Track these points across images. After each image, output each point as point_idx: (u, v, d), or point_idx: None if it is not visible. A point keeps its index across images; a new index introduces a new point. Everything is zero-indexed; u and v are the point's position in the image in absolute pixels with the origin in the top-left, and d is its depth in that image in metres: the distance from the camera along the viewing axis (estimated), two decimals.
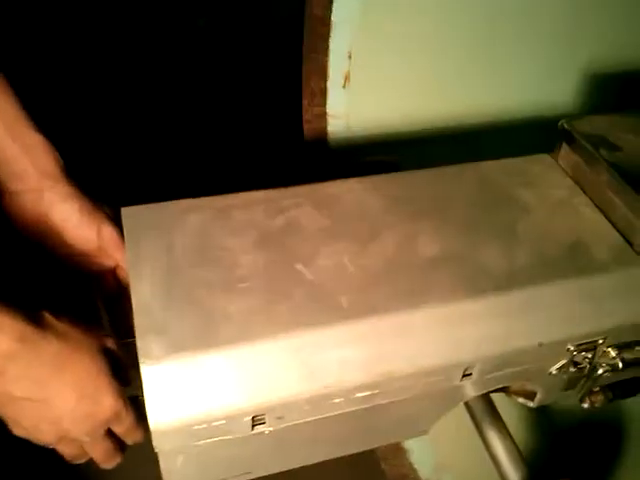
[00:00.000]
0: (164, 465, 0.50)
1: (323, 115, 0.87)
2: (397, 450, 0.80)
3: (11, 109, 0.53)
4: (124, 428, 0.51)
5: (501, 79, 0.88)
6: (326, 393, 0.50)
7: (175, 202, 0.59)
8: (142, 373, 0.46)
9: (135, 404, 0.49)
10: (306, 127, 0.87)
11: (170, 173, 1.53)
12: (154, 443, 0.47)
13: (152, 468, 0.51)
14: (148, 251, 0.54)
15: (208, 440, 0.48)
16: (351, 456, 0.86)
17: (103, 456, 0.52)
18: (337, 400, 0.50)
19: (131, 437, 0.53)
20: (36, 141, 0.53)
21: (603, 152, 0.65)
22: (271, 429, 0.50)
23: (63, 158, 0.56)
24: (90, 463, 0.53)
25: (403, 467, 0.79)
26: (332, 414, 0.52)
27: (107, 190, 0.61)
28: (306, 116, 0.86)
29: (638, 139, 0.68)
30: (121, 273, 0.59)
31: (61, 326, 0.47)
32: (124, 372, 0.50)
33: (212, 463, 0.52)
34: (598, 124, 0.69)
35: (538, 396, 0.64)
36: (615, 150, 0.66)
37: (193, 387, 0.47)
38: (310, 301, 0.52)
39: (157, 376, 0.46)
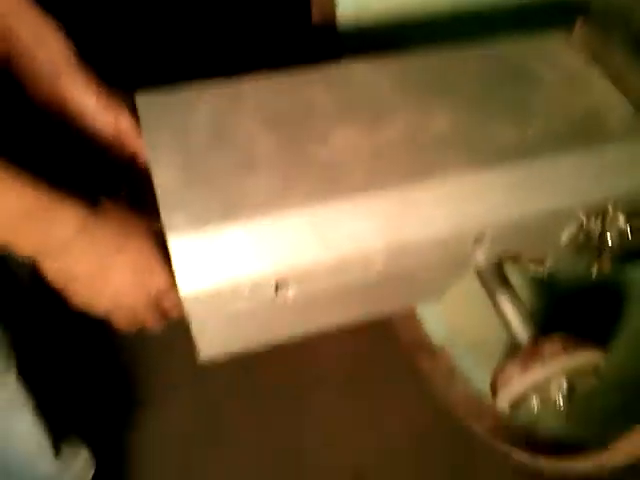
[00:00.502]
0: (196, 331, 0.55)
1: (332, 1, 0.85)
2: (411, 319, 0.85)
3: None
4: (171, 302, 0.55)
5: None
6: (343, 260, 0.53)
7: (188, 86, 0.60)
8: (170, 245, 0.49)
9: None
10: (315, 14, 0.86)
11: (179, 56, 1.52)
12: (185, 310, 0.51)
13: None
14: (164, 134, 0.56)
15: (235, 306, 0.52)
16: (367, 325, 0.92)
17: (151, 323, 0.57)
18: (354, 267, 0.54)
19: (176, 311, 0.56)
20: (49, 28, 0.54)
21: (617, 23, 0.64)
22: (292, 295, 0.54)
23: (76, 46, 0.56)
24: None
25: (417, 334, 0.84)
26: (349, 280, 0.55)
27: (117, 75, 0.61)
28: (315, 2, 0.85)
29: None
30: (140, 160, 0.60)
31: (118, 210, 0.51)
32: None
33: (239, 328, 0.56)
34: None
35: (549, 262, 0.67)
36: (629, 21, 0.65)
37: (218, 256, 0.50)
38: (325, 177, 0.54)
39: (184, 248, 0.49)
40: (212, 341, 0.57)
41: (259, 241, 0.51)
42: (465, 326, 0.83)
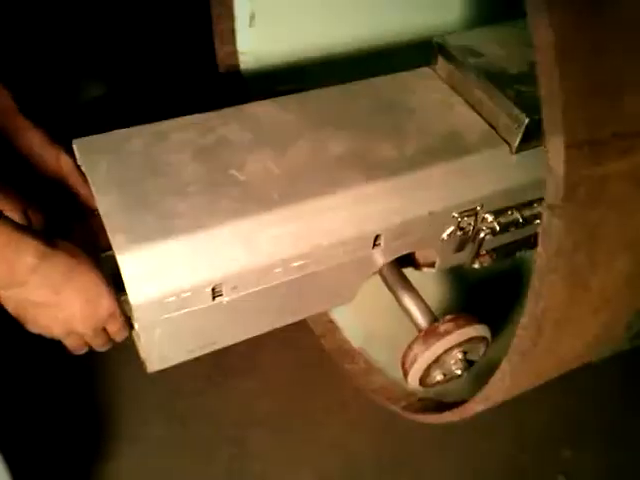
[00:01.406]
0: (144, 339, 0.62)
1: (234, 53, 0.97)
2: (332, 328, 0.96)
3: None
4: (116, 327, 0.63)
5: (388, 5, 1.00)
6: (267, 264, 0.63)
7: (117, 131, 0.69)
8: (119, 263, 0.57)
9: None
10: (220, 65, 0.98)
11: (95, 109, 1.58)
12: (135, 316, 0.59)
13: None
14: (102, 170, 0.64)
15: (178, 312, 0.61)
16: (296, 338, 1.01)
17: (99, 345, 0.64)
18: (277, 270, 0.64)
19: (120, 335, 0.64)
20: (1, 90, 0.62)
21: (471, 59, 0.80)
22: (228, 299, 0.63)
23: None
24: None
25: (339, 340, 0.95)
26: (275, 283, 0.65)
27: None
28: (219, 55, 0.96)
29: (499, 47, 0.83)
30: (81, 194, 0.68)
31: (68, 246, 0.58)
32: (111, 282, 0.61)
33: (183, 334, 0.64)
34: (466, 38, 0.83)
35: (437, 262, 0.80)
36: (480, 57, 0.80)
37: (161, 268, 0.58)
38: (246, 196, 0.64)
39: (130, 263, 0.58)
40: (160, 350, 0.65)
41: (193, 253, 0.60)
42: (377, 328, 0.94)
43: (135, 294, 0.58)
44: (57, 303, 0.58)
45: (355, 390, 1.27)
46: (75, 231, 0.70)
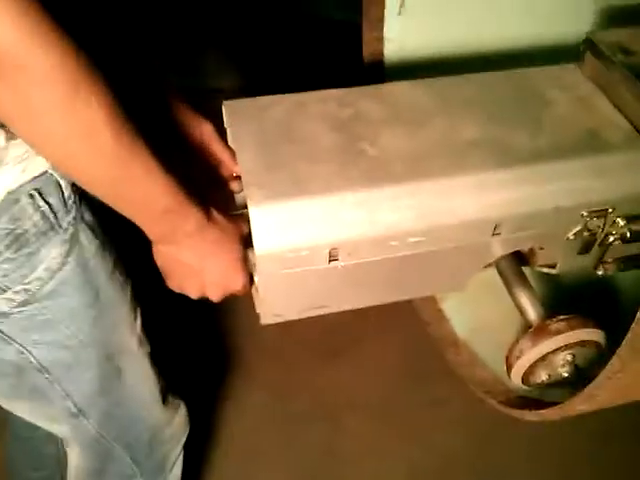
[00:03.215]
0: (262, 291, 0.67)
1: (380, 39, 1.00)
2: (440, 317, 0.96)
3: None
4: (240, 293, 0.68)
5: (535, 10, 0.99)
6: (385, 236, 0.65)
7: (263, 97, 0.74)
8: (250, 214, 0.62)
9: None
10: (365, 50, 1.01)
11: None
12: (258, 267, 0.63)
13: None
14: (246, 132, 0.69)
15: (296, 269, 0.64)
16: (404, 326, 1.02)
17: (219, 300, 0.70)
18: (393, 243, 0.66)
19: (240, 294, 0.69)
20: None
21: (619, 56, 0.77)
22: (343, 264, 0.66)
23: None
24: None
25: (446, 330, 0.95)
26: (390, 256, 0.67)
27: None
28: (365, 39, 0.99)
29: None
30: (223, 162, 0.72)
31: (220, 219, 0.63)
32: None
33: (297, 292, 0.68)
34: (618, 35, 0.80)
35: (559, 263, 0.78)
36: (630, 55, 0.77)
37: (285, 225, 0.62)
38: (374, 168, 0.66)
39: (260, 215, 0.62)
40: (274, 304, 0.69)
41: (317, 215, 0.63)
42: (484, 321, 0.94)
43: (260, 244, 0.62)
44: (200, 269, 0.64)
45: (458, 387, 1.27)
46: (212, 194, 0.74)
